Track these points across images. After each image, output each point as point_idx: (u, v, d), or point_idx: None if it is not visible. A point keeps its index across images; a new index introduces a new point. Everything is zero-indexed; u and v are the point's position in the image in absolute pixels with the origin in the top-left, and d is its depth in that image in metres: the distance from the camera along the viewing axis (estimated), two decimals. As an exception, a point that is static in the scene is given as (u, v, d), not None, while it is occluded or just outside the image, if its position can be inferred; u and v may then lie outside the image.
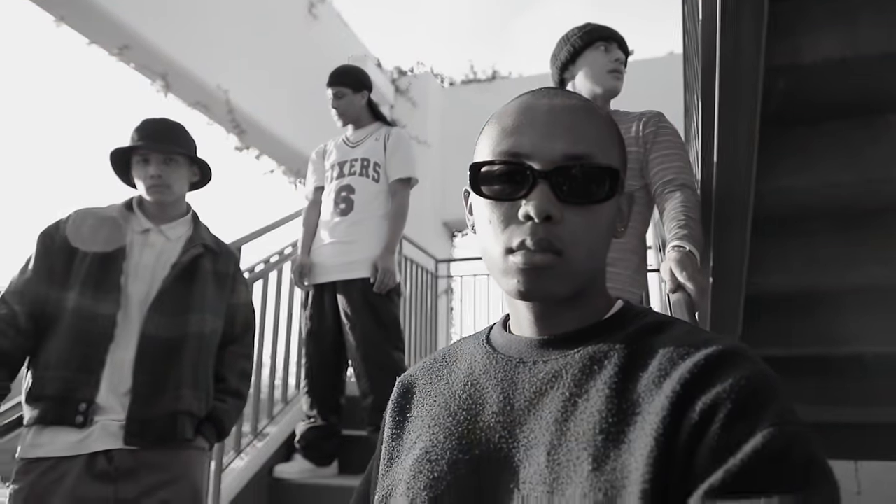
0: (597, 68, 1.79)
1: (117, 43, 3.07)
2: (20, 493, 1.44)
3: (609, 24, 1.87)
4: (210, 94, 3.61)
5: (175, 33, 3.31)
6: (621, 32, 1.88)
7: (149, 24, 3.12)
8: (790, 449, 0.50)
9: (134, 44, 3.10)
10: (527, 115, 0.68)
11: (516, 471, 0.61)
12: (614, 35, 1.83)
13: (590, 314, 0.69)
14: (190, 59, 3.39)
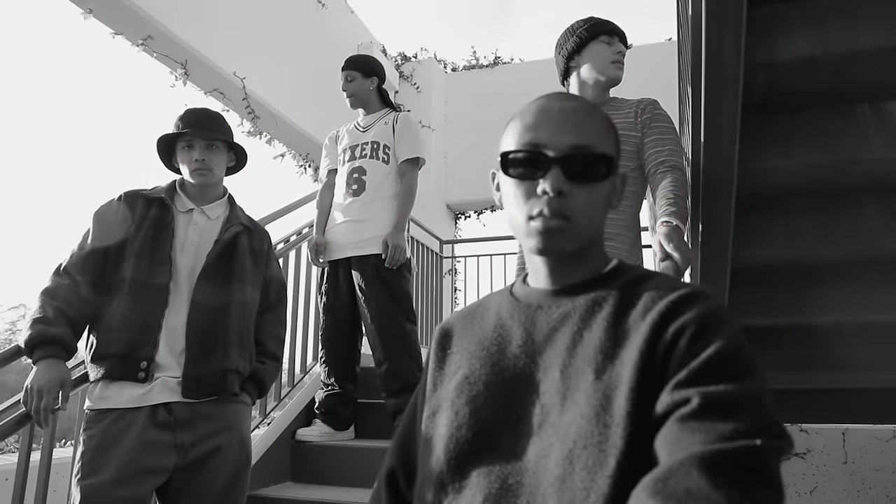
0: (601, 59, 2.00)
1: (141, 34, 3.25)
2: (93, 438, 1.65)
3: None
4: (227, 81, 3.79)
5: (194, 23, 3.48)
6: (621, 18, 2.08)
7: (170, 15, 3.29)
8: (734, 356, 0.70)
9: (157, 34, 3.28)
10: (543, 114, 0.87)
11: (537, 386, 0.81)
12: (617, 30, 2.03)
13: (591, 269, 0.89)
14: (208, 48, 3.57)
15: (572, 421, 0.74)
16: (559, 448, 0.73)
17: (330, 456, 2.83)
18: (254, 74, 3.95)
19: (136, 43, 3.29)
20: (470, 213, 6.79)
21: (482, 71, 6.77)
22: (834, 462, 4.77)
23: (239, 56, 3.83)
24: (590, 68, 2.01)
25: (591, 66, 2.01)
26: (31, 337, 1.66)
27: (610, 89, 2.06)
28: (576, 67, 2.05)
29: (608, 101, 2.05)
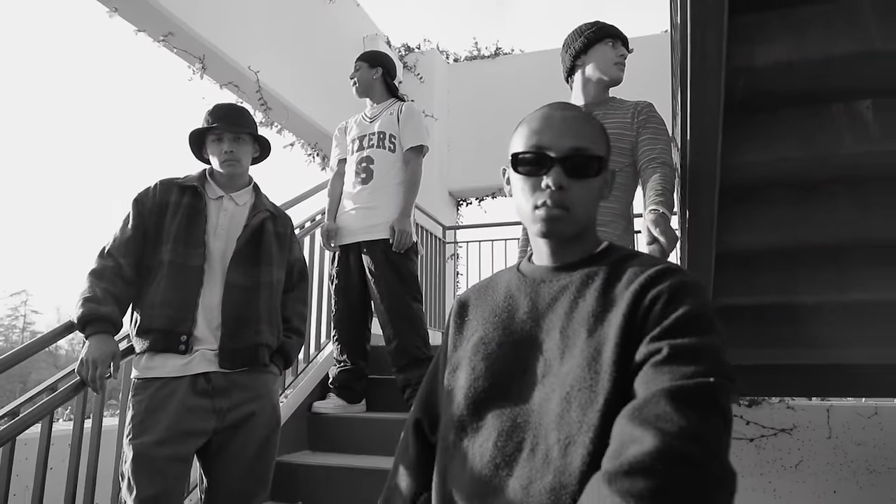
0: (605, 60, 2.18)
1: (162, 31, 3.39)
2: (141, 403, 1.83)
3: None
4: (241, 74, 3.94)
5: (212, 20, 3.62)
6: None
7: (190, 12, 3.43)
8: (698, 318, 0.88)
9: (177, 31, 3.42)
10: (546, 121, 1.04)
11: (541, 345, 0.99)
12: (620, 34, 2.22)
13: (586, 249, 1.06)
14: (225, 43, 3.71)
15: (569, 370, 0.91)
16: (559, 392, 0.91)
17: (344, 426, 3.02)
18: (266, 68, 4.10)
19: (157, 39, 3.44)
20: (471, 200, 6.94)
21: (483, 62, 6.89)
22: (818, 437, 5.00)
23: (253, 51, 3.98)
24: (594, 68, 2.19)
25: (595, 65, 2.19)
26: (82, 314, 1.84)
27: (610, 88, 2.23)
28: (581, 66, 2.23)
29: (608, 100, 2.23)
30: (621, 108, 2.18)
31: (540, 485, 0.86)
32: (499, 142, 6.26)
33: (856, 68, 1.78)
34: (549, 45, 2.67)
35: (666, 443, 0.73)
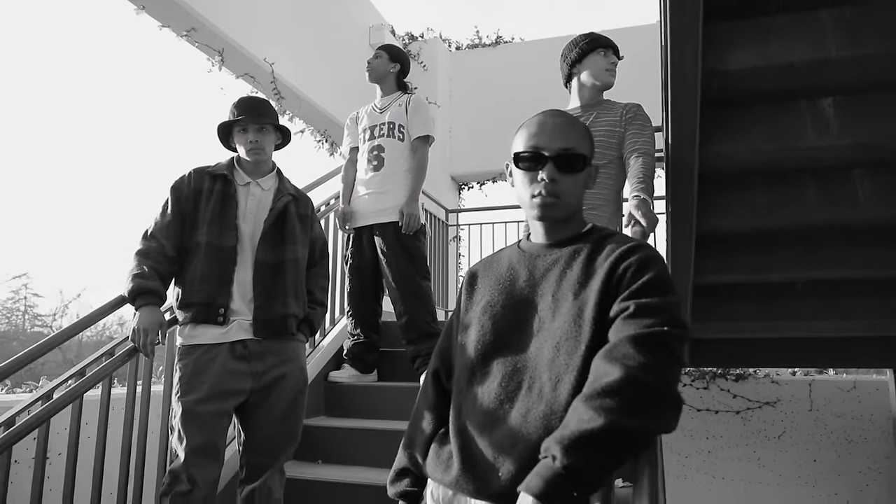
0: (597, 67, 2.46)
1: (186, 26, 3.59)
2: (187, 366, 2.08)
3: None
4: (257, 66, 4.14)
5: (231, 15, 3.82)
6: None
7: (212, 8, 3.63)
8: (658, 282, 1.11)
9: (199, 26, 3.62)
10: (542, 126, 1.27)
11: (536, 306, 1.22)
12: (611, 44, 2.49)
13: (573, 229, 1.29)
14: (242, 37, 3.91)
15: (559, 325, 1.15)
16: (550, 342, 1.15)
17: (357, 394, 3.27)
18: (280, 59, 4.30)
19: (180, 34, 3.64)
20: (473, 184, 7.15)
21: (484, 50, 7.07)
22: (800, 410, 5.28)
23: (268, 43, 4.18)
24: (588, 74, 2.48)
25: (589, 72, 2.48)
26: (132, 289, 2.07)
27: (604, 91, 2.49)
28: (577, 73, 2.51)
29: (601, 102, 2.48)
30: (612, 108, 2.43)
31: (535, 413, 1.10)
32: (499, 128, 6.50)
33: (815, 72, 2.00)
34: (548, 33, 2.91)
35: (630, 374, 0.97)
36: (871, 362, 3.78)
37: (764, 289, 3.01)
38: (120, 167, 32.83)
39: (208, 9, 3.60)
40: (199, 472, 1.98)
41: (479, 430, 1.17)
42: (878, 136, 2.13)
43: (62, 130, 32.72)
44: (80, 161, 31.32)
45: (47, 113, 32.86)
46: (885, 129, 2.11)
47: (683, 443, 5.50)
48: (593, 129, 2.45)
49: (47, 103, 31.84)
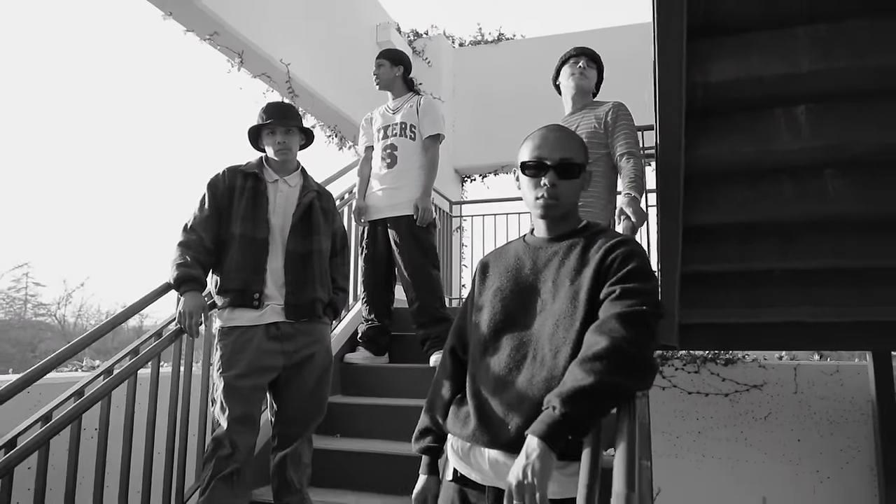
0: (567, 76, 2.83)
1: (209, 30, 3.80)
2: (227, 346, 2.31)
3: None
4: (273, 66, 4.35)
5: (250, 20, 4.02)
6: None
7: (234, 14, 3.83)
8: (640, 271, 1.34)
9: (221, 30, 3.83)
10: (544, 139, 1.50)
11: (539, 290, 1.46)
12: (578, 52, 2.85)
13: (570, 225, 1.52)
14: (261, 40, 4.12)
15: (558, 306, 1.39)
16: (551, 320, 1.38)
17: (371, 374, 3.51)
18: (294, 59, 4.51)
19: (203, 38, 3.85)
20: (475, 177, 7.37)
21: (487, 46, 7.27)
22: (786, 392, 5.54)
23: (283, 45, 4.39)
24: (564, 85, 2.87)
25: (564, 83, 2.86)
26: (177, 276, 2.30)
27: (586, 93, 2.78)
28: (560, 86, 2.90)
29: (588, 104, 2.76)
30: (598, 108, 2.70)
31: (538, 377, 1.34)
32: (501, 122, 6.74)
33: (789, 83, 2.22)
34: (549, 30, 3.25)
35: (615, 343, 1.21)
36: (846, 345, 4.03)
37: (747, 277, 3.25)
38: (130, 160, 32.96)
39: (230, 14, 3.81)
40: (239, 438, 2.22)
41: (492, 392, 1.41)
42: (845, 139, 2.36)
43: (74, 122, 32.82)
44: (88, 152, 31.46)
45: (61, 105, 32.93)
46: (851, 133, 2.34)
47: (675, 424, 5.76)
48: (584, 131, 2.72)
49: (64, 98, 31.94)
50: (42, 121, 34.32)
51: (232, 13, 3.83)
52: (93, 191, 31.99)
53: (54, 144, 29.54)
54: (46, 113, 35.92)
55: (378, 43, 6.07)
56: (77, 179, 31.94)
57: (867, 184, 2.56)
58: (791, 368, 5.59)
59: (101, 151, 31.89)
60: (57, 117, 31.40)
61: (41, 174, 31.48)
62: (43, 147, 32.23)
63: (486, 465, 1.37)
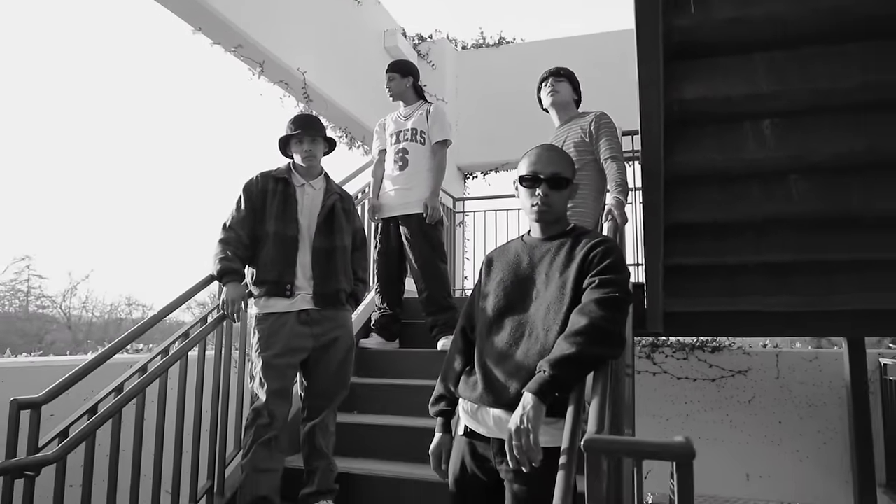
0: (545, 95, 3.22)
1: (234, 43, 4.11)
2: (264, 330, 2.63)
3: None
4: (291, 74, 4.66)
5: (271, 33, 4.33)
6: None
7: (256, 27, 4.14)
8: (615, 265, 1.66)
9: (245, 43, 4.14)
10: (539, 157, 1.82)
11: (534, 281, 1.78)
12: (547, 74, 3.25)
13: (559, 228, 1.84)
14: (280, 50, 4.43)
15: (550, 294, 1.71)
16: (544, 305, 1.71)
17: (384, 358, 3.83)
18: (309, 67, 4.82)
19: (228, 49, 4.16)
20: (477, 174, 7.68)
21: (488, 50, 7.56)
22: (768, 378, 5.88)
23: (300, 54, 4.70)
24: (546, 104, 3.26)
25: (545, 103, 3.25)
26: (220, 269, 2.62)
27: (566, 106, 3.16)
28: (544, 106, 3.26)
29: (574, 116, 3.10)
30: (583, 119, 3.04)
31: (533, 351, 1.66)
32: (501, 122, 7.08)
33: (751, 101, 2.54)
34: (547, 34, 3.61)
35: (593, 322, 1.53)
36: (818, 332, 4.36)
37: (723, 269, 3.57)
38: (139, 155, 33.26)
39: (253, 28, 4.12)
40: (276, 409, 2.55)
41: (495, 363, 1.73)
42: (804, 150, 2.67)
43: (83, 117, 33.08)
44: (95, 147, 31.72)
45: (71, 101, 33.15)
46: (809, 144, 2.65)
47: (665, 407, 6.10)
48: (572, 142, 3.05)
49: (76, 95, 32.19)
50: (49, 114, 34.57)
51: (254, 27, 4.14)
52: (97, 184, 32.28)
53: (60, 138, 29.83)
54: (53, 107, 36.15)
55: (385, 48, 6.37)
56: (83, 174, 32.21)
57: (826, 186, 2.87)
58: (773, 355, 5.92)
59: (108, 145, 32.18)
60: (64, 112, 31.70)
61: (49, 168, 31.75)
62: (49, 141, 32.49)
63: (491, 422, 1.70)
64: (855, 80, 2.43)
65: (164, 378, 2.41)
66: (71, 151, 30.40)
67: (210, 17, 3.83)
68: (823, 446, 5.63)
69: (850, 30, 2.32)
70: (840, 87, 2.42)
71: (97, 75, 32.50)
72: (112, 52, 32.48)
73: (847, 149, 2.62)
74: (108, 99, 32.92)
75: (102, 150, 31.35)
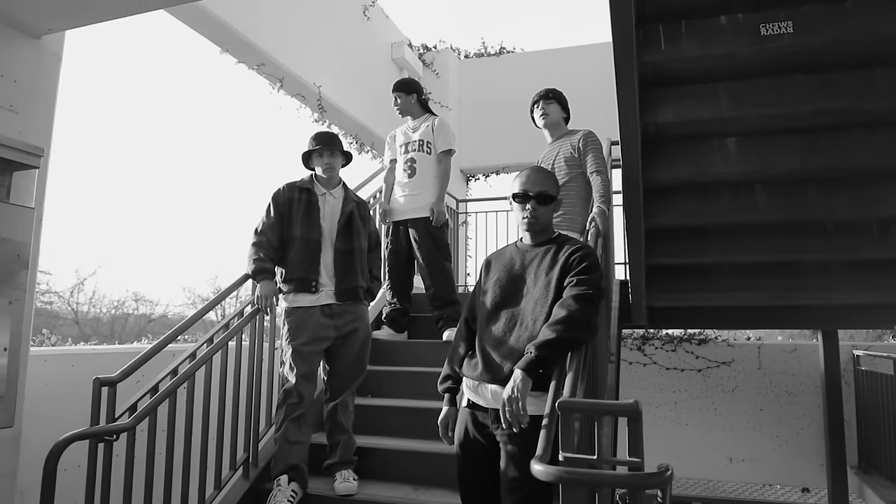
0: (537, 117, 3.56)
1: (257, 62, 4.48)
2: (293, 322, 3.00)
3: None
4: (307, 87, 5.03)
5: (290, 52, 4.69)
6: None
7: (277, 46, 4.50)
8: (591, 267, 2.03)
9: (266, 61, 4.51)
10: (529, 177, 2.18)
11: (525, 280, 2.14)
12: (538, 98, 3.58)
13: (546, 236, 2.20)
14: (298, 67, 4.80)
15: (537, 291, 2.08)
16: (532, 300, 2.07)
17: (393, 348, 4.19)
18: (323, 80, 5.18)
19: (251, 67, 4.54)
20: (479, 176, 8.04)
21: (490, 59, 7.91)
22: (751, 368, 6.25)
23: (315, 69, 5.06)
24: (539, 124, 3.60)
25: (538, 123, 3.59)
26: (254, 269, 2.99)
27: (556, 125, 3.51)
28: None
29: (564, 134, 3.46)
30: (572, 136, 3.40)
31: (523, 338, 2.03)
32: (502, 127, 7.49)
33: (714, 124, 2.90)
34: (546, 45, 3.93)
35: (570, 313, 1.90)
36: (784, 325, 4.72)
37: (699, 268, 3.93)
38: (153, 156, 33.65)
39: (273, 48, 4.49)
40: (304, 390, 2.93)
41: (493, 347, 2.10)
42: (762, 165, 3.04)
43: (97, 120, 33.47)
44: (107, 147, 32.11)
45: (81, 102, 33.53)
46: (765, 161, 3.02)
47: (655, 396, 6.47)
48: (562, 157, 3.41)
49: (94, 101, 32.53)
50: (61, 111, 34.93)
51: (275, 47, 4.51)
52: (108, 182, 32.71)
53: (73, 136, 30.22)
54: (67, 105, 36.50)
55: (393, 59, 6.73)
56: (94, 172, 32.62)
57: (785, 197, 3.23)
58: (755, 347, 6.28)
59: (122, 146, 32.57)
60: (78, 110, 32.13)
61: (59, 167, 32.16)
62: (61, 138, 32.84)
63: (489, 395, 2.07)
64: (807, 107, 2.81)
65: (209, 365, 2.78)
66: (83, 150, 30.81)
67: (236, 40, 4.19)
68: (801, 431, 5.99)
69: (793, 65, 2.69)
70: (788, 113, 2.79)
71: (121, 82, 32.92)
72: (143, 64, 32.88)
73: (799, 165, 2.98)
74: (127, 103, 33.33)
75: (116, 149, 31.76)
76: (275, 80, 4.78)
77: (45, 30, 2.16)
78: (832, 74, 2.74)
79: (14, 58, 2.12)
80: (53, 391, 2.91)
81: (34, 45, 2.18)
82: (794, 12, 2.56)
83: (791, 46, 2.58)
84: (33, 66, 2.17)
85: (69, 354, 3.04)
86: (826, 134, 2.94)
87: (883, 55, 2.63)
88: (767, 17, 2.59)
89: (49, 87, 2.25)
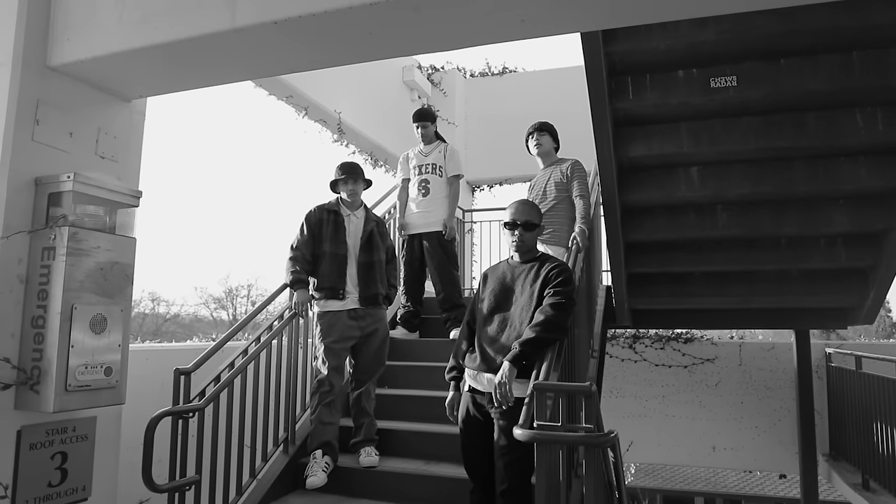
0: (531, 146, 4.01)
1: (286, 94, 5.04)
2: (324, 323, 3.53)
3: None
4: (328, 114, 5.59)
5: (314, 84, 5.25)
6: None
7: (303, 81, 5.07)
8: (566, 281, 2.56)
9: (294, 94, 5.07)
10: (517, 208, 2.71)
11: (514, 291, 2.67)
12: (533, 129, 4.05)
13: (532, 255, 2.72)
14: (321, 96, 5.36)
15: (524, 300, 2.61)
16: (519, 307, 2.60)
17: (407, 345, 4.71)
18: (342, 106, 5.74)
19: (280, 98, 5.10)
20: (484, 187, 8.55)
21: (493, 78, 8.42)
22: (732, 364, 6.76)
23: (335, 97, 5.62)
24: (532, 153, 4.06)
25: (532, 152, 4.05)
26: (292, 279, 3.54)
27: (548, 154, 4.00)
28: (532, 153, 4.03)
29: (556, 160, 3.96)
30: (562, 164, 3.90)
31: (512, 336, 2.55)
32: (506, 141, 8.07)
33: (678, 157, 3.43)
34: (547, 64, 4.38)
35: (547, 318, 2.43)
36: (750, 325, 5.25)
37: (671, 276, 4.45)
38: (180, 171, 34.26)
39: (300, 81, 5.04)
40: (334, 380, 3.47)
41: (488, 344, 2.63)
42: (721, 190, 3.56)
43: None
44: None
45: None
46: (723, 186, 3.54)
47: (644, 390, 6.97)
48: (553, 182, 3.92)
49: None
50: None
51: (301, 81, 5.06)
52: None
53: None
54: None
55: (404, 81, 7.26)
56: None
57: (742, 216, 3.75)
58: (737, 345, 6.78)
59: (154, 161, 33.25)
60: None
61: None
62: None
63: (486, 382, 2.60)
64: (753, 144, 3.33)
65: (258, 359, 3.33)
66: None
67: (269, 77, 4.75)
68: (778, 423, 6.49)
69: (740, 109, 3.21)
70: (738, 149, 3.31)
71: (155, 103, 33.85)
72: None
73: (750, 190, 3.51)
74: (164, 125, 34.24)
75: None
76: (300, 109, 5.34)
77: (137, 95, 2.71)
78: (773, 116, 3.26)
79: (113, 118, 2.65)
80: (132, 379, 3.46)
81: (126, 106, 2.71)
82: (737, 68, 3.09)
83: (736, 97, 3.10)
84: (126, 124, 2.70)
85: (144, 350, 3.61)
86: (772, 164, 3.45)
87: (812, 103, 3.15)
88: (716, 72, 3.11)
89: (137, 140, 2.79)
